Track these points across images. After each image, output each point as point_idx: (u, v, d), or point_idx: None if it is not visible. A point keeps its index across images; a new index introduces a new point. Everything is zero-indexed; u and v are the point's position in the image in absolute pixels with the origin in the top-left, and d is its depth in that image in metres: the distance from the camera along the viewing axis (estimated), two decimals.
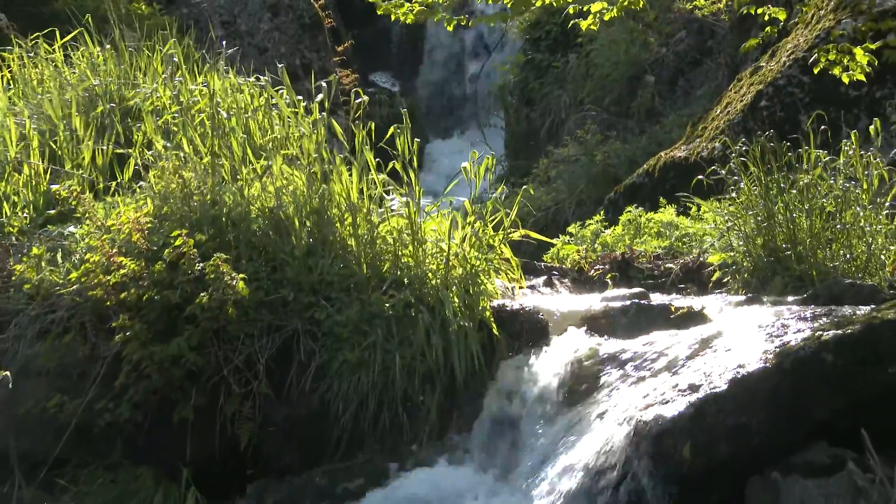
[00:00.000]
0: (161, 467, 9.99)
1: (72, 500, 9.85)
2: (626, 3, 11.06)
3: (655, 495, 8.63)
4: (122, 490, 9.80)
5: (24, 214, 11.90)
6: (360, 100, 11.40)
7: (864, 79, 11.27)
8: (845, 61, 11.15)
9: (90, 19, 15.10)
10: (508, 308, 10.96)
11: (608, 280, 13.02)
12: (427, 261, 11.00)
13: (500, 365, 10.50)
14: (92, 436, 10.00)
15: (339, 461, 10.18)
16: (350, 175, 11.13)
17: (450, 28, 11.59)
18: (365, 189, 11.15)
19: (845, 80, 11.23)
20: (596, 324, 10.65)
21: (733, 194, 12.73)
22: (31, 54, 14.70)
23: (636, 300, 10.97)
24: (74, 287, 10.43)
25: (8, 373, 8.82)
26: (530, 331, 10.76)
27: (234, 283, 10.04)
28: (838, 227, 12.05)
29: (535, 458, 9.56)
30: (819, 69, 11.59)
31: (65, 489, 9.95)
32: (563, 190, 19.22)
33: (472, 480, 9.80)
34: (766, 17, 11.91)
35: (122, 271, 10.13)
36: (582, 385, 9.85)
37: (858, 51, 11.08)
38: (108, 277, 10.17)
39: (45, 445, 10.05)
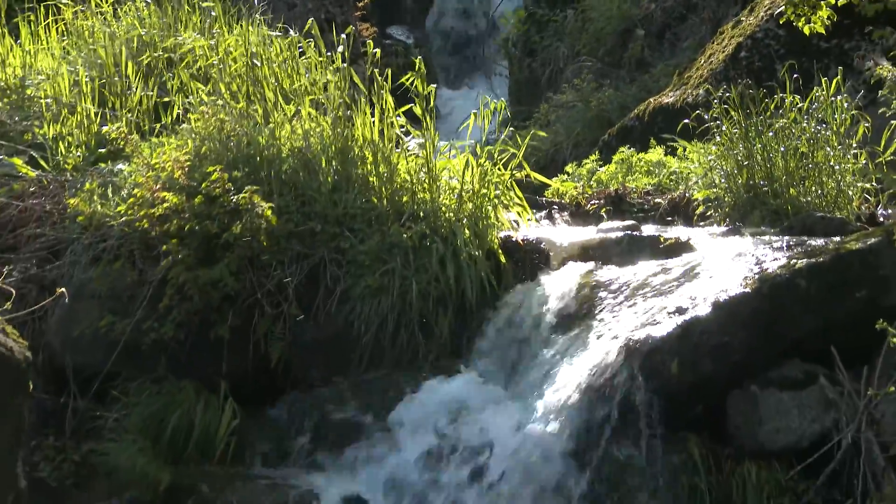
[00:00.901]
0: (201, 381, 10.00)
1: (122, 410, 9.88)
2: None
3: (645, 407, 8.69)
4: (167, 401, 9.83)
5: (78, 153, 11.88)
6: (376, 49, 11.40)
7: (823, 31, 11.21)
8: (808, 14, 11.09)
9: None
10: (514, 239, 10.97)
11: (603, 213, 13.02)
12: (441, 196, 11.01)
13: (506, 290, 10.50)
14: (139, 352, 10.02)
15: (361, 376, 10.22)
16: (371, 118, 11.09)
17: None
18: (385, 131, 11.12)
19: (806, 31, 11.18)
20: (592, 253, 10.67)
21: (716, 137, 12.75)
22: (83, 7, 14.63)
23: (628, 231, 10.98)
24: (123, 219, 10.46)
25: (64, 290, 8.83)
26: (533, 259, 10.79)
27: (262, 212, 10.05)
28: (810, 165, 12.10)
29: (538, 374, 9.62)
30: (785, 20, 11.53)
31: (115, 400, 9.99)
32: (561, 133, 19.16)
33: (481, 394, 9.83)
34: None
35: (165, 205, 10.14)
36: (580, 308, 9.88)
37: (822, 6, 11.02)
38: (153, 210, 10.18)
39: (98, 361, 10.08)
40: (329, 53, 11.90)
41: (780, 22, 12.35)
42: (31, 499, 8.67)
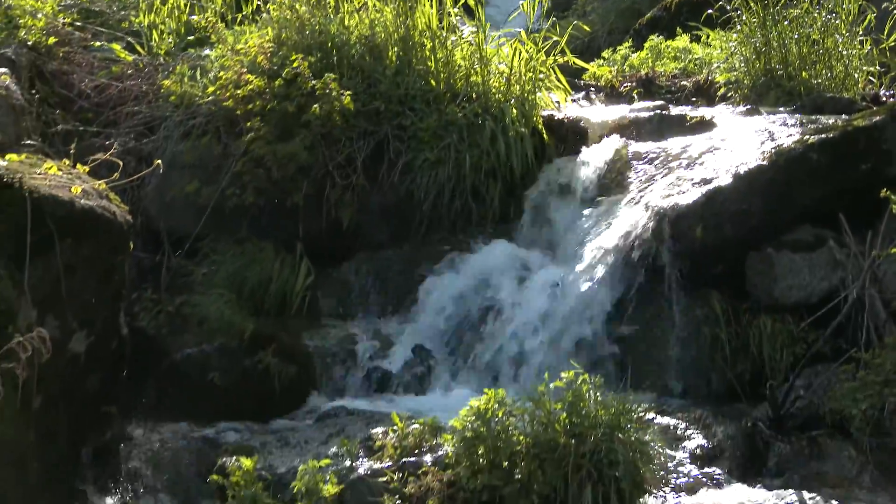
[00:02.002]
0: (279, 242, 10.05)
1: (209, 267, 9.95)
2: None
3: (673, 267, 8.71)
4: (249, 259, 9.89)
5: (169, 40, 11.87)
6: None
7: None
8: None
9: None
10: (556, 117, 10.92)
11: (635, 95, 12.90)
12: (491, 80, 10.94)
13: (549, 163, 10.47)
14: (224, 216, 10.07)
15: (421, 239, 10.26)
16: (429, 9, 11.00)
17: None
18: (443, 20, 11.04)
19: None
20: (626, 130, 10.60)
21: (736, 25, 12.63)
22: None
23: (658, 111, 10.90)
24: (210, 98, 10.46)
25: (159, 161, 8.84)
26: (573, 136, 10.72)
27: (341, 97, 10.04)
28: (821, 51, 12.00)
29: (577, 237, 9.62)
30: None
31: (204, 257, 10.08)
32: (596, 22, 18.83)
33: (526, 256, 9.89)
34: None
35: (248, 86, 10.13)
36: (614, 179, 9.84)
37: None
38: (238, 91, 10.17)
39: (188, 224, 10.15)
40: None
41: None
42: (131, 345, 8.80)
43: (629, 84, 13.40)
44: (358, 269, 10.22)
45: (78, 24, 11.75)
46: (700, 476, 7.16)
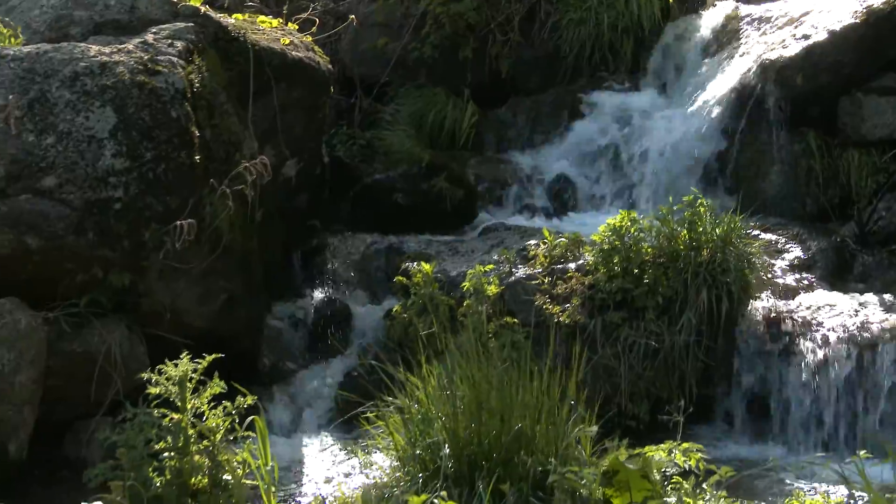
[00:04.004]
0: (451, 88, 10.01)
1: (394, 107, 10.00)
2: None
3: (776, 109, 8.49)
4: (426, 102, 9.90)
5: None
6: None
7: None
8: None
9: None
10: None
11: None
12: None
13: (673, 21, 10.16)
14: (407, 66, 10.09)
15: (565, 86, 10.11)
16: None
17: None
18: None
19: None
20: None
21: None
22: None
23: None
24: None
25: (354, 17, 8.82)
26: None
27: None
28: None
29: (693, 85, 9.38)
30: None
31: (390, 100, 10.11)
32: None
33: (650, 101, 9.70)
34: None
35: None
36: (727, 35, 9.55)
37: None
38: None
39: (377, 72, 10.18)
40: None
41: None
42: (331, 171, 9.00)
43: None
44: (514, 110, 10.13)
45: None
46: (796, 282, 7.04)
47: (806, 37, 8.69)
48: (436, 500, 3.03)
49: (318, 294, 7.89)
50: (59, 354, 5.98)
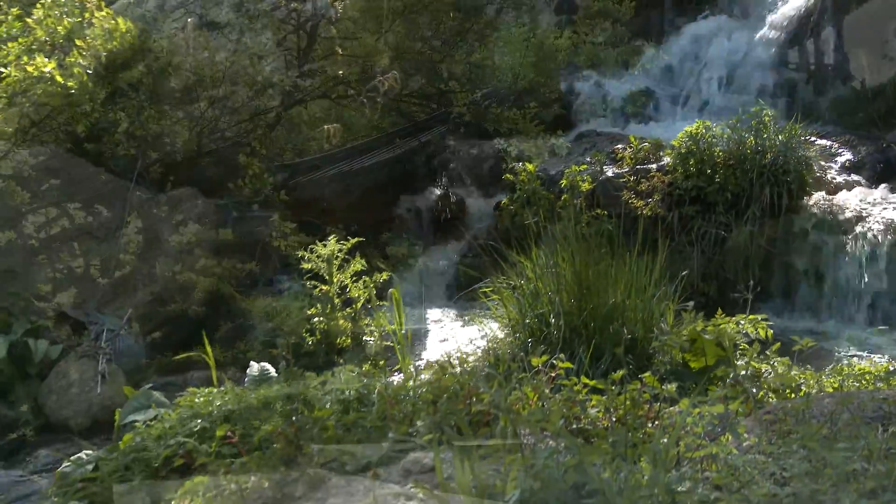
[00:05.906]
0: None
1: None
2: None
3: (833, 31, 8.09)
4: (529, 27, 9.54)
5: None
6: None
7: None
8: None
9: None
10: None
11: None
12: None
13: None
14: None
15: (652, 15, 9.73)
16: None
17: None
18: None
19: None
20: None
21: None
22: None
23: None
24: None
25: None
26: None
27: None
28: None
29: (764, 7, 8.96)
30: None
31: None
32: None
33: (724, 24, 9.25)
34: None
35: None
36: None
37: None
38: None
39: None
40: None
41: None
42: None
43: None
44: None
45: None
46: (847, 181, 6.71)
47: None
48: (553, 361, 2.94)
49: (436, 189, 7.78)
50: (228, 235, 5.99)
